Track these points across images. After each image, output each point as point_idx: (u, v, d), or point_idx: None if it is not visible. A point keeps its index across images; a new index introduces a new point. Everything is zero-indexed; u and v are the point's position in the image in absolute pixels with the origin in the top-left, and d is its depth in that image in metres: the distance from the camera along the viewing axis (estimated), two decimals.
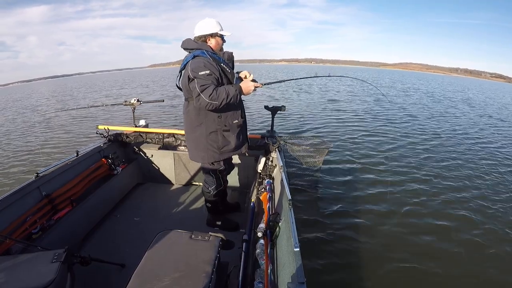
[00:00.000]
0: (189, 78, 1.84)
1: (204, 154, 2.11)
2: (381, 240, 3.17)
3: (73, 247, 1.73)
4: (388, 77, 46.62)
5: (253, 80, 1.91)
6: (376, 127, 8.55)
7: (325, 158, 3.46)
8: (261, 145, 2.85)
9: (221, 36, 1.99)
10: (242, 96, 1.97)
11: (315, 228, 3.32)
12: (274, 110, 3.26)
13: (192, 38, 1.99)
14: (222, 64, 1.92)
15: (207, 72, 1.79)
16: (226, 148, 2.09)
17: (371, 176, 4.81)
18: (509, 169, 5.35)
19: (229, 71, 1.94)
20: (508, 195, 4.25)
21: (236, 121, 2.06)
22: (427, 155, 6.07)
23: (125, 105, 3.40)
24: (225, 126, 2.01)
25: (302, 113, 10.44)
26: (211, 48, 1.94)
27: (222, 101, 1.78)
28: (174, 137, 3.07)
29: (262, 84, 1.94)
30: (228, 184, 3.21)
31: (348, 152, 6.13)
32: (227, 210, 2.70)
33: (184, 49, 1.99)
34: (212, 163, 2.18)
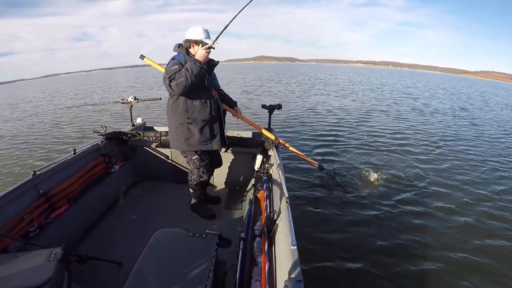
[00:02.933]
0: (163, 78, 2.12)
1: (174, 142, 2.39)
2: (380, 238, 3.19)
3: (70, 245, 1.73)
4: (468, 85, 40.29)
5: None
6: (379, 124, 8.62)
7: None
8: (259, 143, 2.86)
9: (204, 44, 2.16)
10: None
11: (312, 226, 3.33)
12: (271, 109, 3.27)
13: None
14: None
15: (176, 67, 2.06)
16: (191, 141, 2.30)
17: (372, 174, 4.82)
18: None
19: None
20: None
21: (202, 116, 2.25)
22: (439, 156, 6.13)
23: (123, 103, 3.39)
24: (188, 119, 2.23)
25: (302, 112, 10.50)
26: (188, 52, 2.20)
27: (186, 76, 1.99)
28: None
29: (212, 43, 2.10)
30: (225, 182, 3.23)
31: (349, 150, 6.15)
32: (207, 202, 2.84)
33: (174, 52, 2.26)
34: (184, 152, 2.43)
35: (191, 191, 2.64)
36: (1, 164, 5.27)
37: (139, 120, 3.59)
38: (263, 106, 3.34)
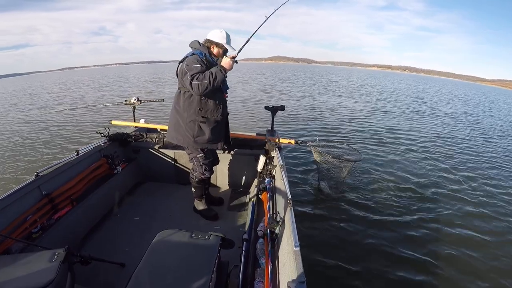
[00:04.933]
0: (183, 72, 2.13)
1: (180, 138, 2.37)
2: (382, 239, 3.17)
3: (73, 247, 1.73)
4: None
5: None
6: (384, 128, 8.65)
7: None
8: (261, 145, 2.85)
9: (224, 49, 2.26)
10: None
11: (315, 227, 3.32)
12: (274, 110, 3.27)
13: (202, 39, 2.29)
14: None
15: (198, 65, 2.08)
16: (200, 139, 2.32)
17: (374, 176, 4.81)
18: None
19: None
20: None
21: (215, 117, 2.30)
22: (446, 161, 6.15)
23: (126, 104, 3.41)
24: (203, 118, 2.26)
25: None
26: (210, 52, 2.25)
27: (210, 79, 2.03)
28: None
29: (236, 53, 2.20)
30: (228, 183, 3.22)
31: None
32: (210, 203, 2.82)
33: (191, 47, 2.27)
34: (188, 148, 2.46)
35: (193, 189, 2.64)
36: (4, 166, 5.30)
37: (142, 121, 3.59)
38: (266, 108, 3.34)
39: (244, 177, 3.17)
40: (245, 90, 17.50)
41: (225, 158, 3.09)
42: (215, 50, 2.25)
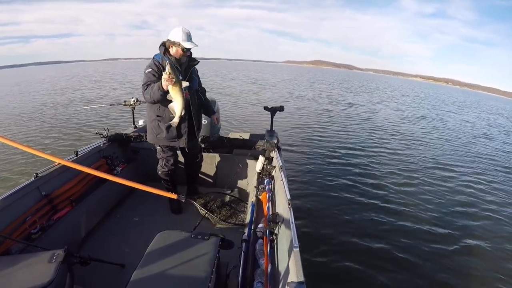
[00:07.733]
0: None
1: (149, 135, 2.55)
2: (381, 240, 3.18)
3: (72, 247, 1.73)
4: None
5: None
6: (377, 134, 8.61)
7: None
8: (261, 145, 2.86)
9: (182, 47, 2.19)
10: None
11: (314, 228, 3.32)
12: (273, 111, 3.27)
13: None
14: None
15: (149, 70, 2.20)
16: (160, 136, 2.45)
17: (373, 178, 4.82)
18: None
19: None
20: None
21: (171, 115, 2.31)
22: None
23: (125, 105, 3.40)
24: (158, 116, 2.38)
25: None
26: (166, 52, 2.25)
27: (151, 95, 2.12)
28: None
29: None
30: (227, 184, 3.23)
31: (351, 153, 6.15)
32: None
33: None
34: (156, 145, 2.59)
35: (162, 182, 2.79)
36: (3, 166, 5.29)
37: (141, 122, 3.59)
38: (265, 108, 3.34)
39: (243, 178, 3.17)
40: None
41: (224, 159, 3.09)
42: (173, 50, 2.22)
